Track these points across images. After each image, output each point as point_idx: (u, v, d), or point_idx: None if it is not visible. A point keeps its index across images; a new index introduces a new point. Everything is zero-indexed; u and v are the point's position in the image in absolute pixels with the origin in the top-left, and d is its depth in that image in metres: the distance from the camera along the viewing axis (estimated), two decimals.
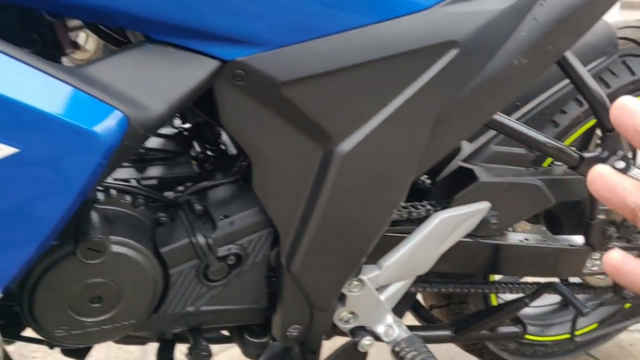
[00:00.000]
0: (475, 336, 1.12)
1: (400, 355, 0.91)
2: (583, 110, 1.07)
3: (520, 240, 1.07)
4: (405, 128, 0.78)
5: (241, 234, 0.82)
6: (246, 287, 0.87)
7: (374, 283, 0.91)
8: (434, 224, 0.90)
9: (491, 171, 1.01)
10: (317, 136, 0.75)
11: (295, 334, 0.91)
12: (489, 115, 0.85)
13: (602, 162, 0.93)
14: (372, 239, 0.85)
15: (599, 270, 1.15)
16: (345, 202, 0.80)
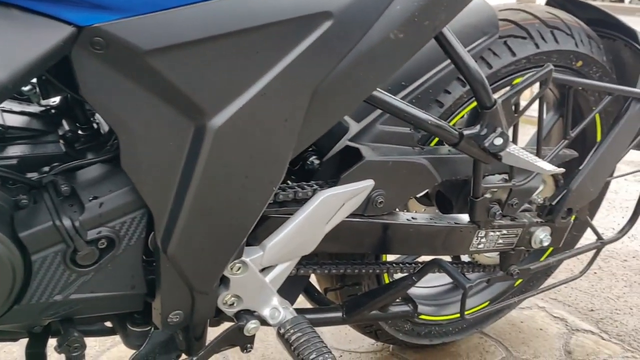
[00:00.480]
0: (366, 317, 1.12)
1: (285, 338, 0.89)
2: (466, 90, 1.09)
3: (408, 219, 1.07)
4: (280, 102, 0.76)
5: (112, 215, 0.77)
6: (121, 272, 0.82)
7: (257, 265, 0.89)
8: (317, 202, 0.89)
9: (377, 150, 1.01)
10: (188, 109, 0.72)
11: (177, 320, 0.87)
12: (368, 91, 0.84)
13: (481, 139, 0.95)
14: (253, 219, 0.83)
15: (485, 247, 1.18)
16: (221, 179, 0.77)
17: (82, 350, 0.85)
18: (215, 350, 0.92)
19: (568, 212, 1.22)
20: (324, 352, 0.85)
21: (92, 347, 1.41)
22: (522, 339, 1.54)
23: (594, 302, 1.72)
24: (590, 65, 1.25)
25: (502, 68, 1.11)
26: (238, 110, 0.74)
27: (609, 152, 1.23)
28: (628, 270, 1.91)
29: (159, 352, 0.93)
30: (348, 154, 1.00)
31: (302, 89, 0.76)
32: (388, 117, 1.02)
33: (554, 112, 1.40)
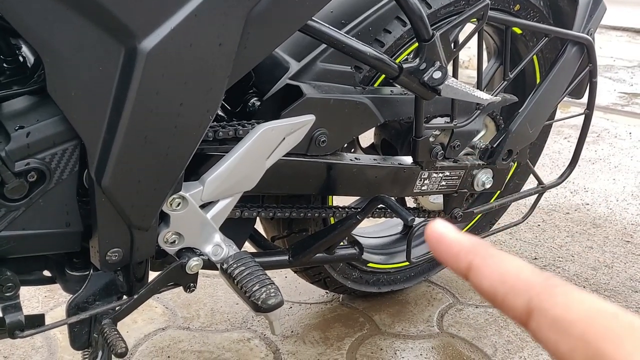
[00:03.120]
0: (313, 259, 1.12)
1: (228, 273, 0.88)
2: (407, 30, 1.09)
3: (352, 160, 1.08)
4: (213, 25, 0.74)
5: (41, 146, 0.75)
6: (54, 208, 0.80)
7: (197, 200, 0.87)
8: (256, 135, 0.88)
9: (318, 88, 1.00)
10: (117, 31, 0.70)
11: (116, 259, 0.85)
12: (304, 17, 0.83)
13: (420, 74, 0.95)
14: (190, 149, 0.81)
15: (429, 189, 1.19)
16: (154, 107, 0.75)
17: (16, 291, 0.82)
18: (156, 290, 0.91)
19: (509, 153, 1.25)
20: (266, 283, 0.85)
21: (34, 308, 1.38)
22: (469, 286, 1.57)
23: (537, 251, 1.77)
24: (527, 9, 1.27)
25: (441, 8, 1.12)
26: (170, 32, 0.72)
27: (546, 94, 1.25)
28: (570, 222, 1.97)
29: (99, 295, 0.91)
30: (289, 92, 0.99)
31: (235, 11, 0.75)
32: (329, 54, 1.02)
33: (495, 60, 1.42)
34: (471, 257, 0.25)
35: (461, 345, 1.35)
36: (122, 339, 0.84)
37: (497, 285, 0.24)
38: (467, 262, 0.25)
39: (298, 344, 1.32)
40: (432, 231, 0.27)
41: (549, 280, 0.23)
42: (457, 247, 0.26)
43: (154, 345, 1.29)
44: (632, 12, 6.33)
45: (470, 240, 0.26)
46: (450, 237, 0.26)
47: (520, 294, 0.24)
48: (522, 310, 0.24)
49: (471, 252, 0.26)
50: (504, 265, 0.24)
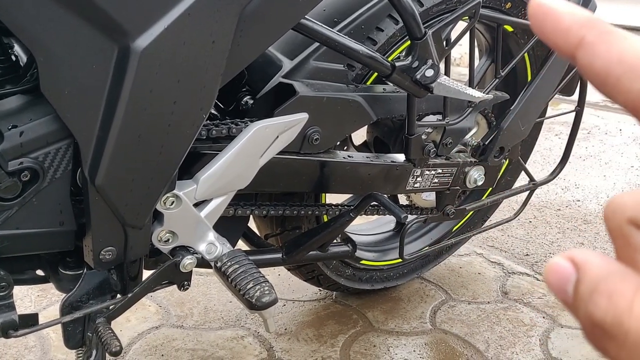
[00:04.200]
0: (306, 257, 1.13)
1: (222, 271, 0.88)
2: (399, 28, 1.10)
3: (344, 157, 1.08)
4: (207, 23, 0.74)
5: (34, 145, 0.75)
6: (48, 207, 0.80)
7: (190, 198, 0.87)
8: (250, 133, 0.88)
9: (311, 86, 1.01)
10: (110, 30, 0.70)
11: (110, 258, 0.85)
12: (297, 16, 0.84)
13: (413, 72, 0.96)
14: (184, 147, 0.82)
15: (421, 187, 1.20)
16: (148, 105, 0.75)
17: (9, 290, 0.82)
18: (150, 288, 0.91)
19: (500, 151, 1.26)
20: (261, 281, 0.85)
21: (27, 308, 1.37)
22: (461, 282, 1.58)
23: (529, 248, 1.78)
24: (519, 7, 1.27)
25: (433, 6, 1.12)
26: (163, 30, 0.72)
27: (537, 92, 1.26)
28: (561, 218, 1.98)
29: (92, 294, 0.91)
30: (282, 91, 0.99)
31: (228, 10, 0.75)
32: (322, 53, 1.02)
33: (487, 58, 1.42)
34: (585, 31, 0.22)
35: (454, 341, 1.35)
36: (117, 337, 0.84)
37: (612, 65, 0.21)
38: (579, 37, 0.22)
39: (292, 341, 1.32)
40: (538, 4, 0.23)
41: None
42: (569, 20, 0.22)
43: (147, 343, 1.29)
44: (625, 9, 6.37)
45: (585, 13, 0.23)
46: (561, 9, 0.23)
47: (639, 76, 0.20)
48: (638, 95, 0.21)
49: (586, 25, 0.22)
50: (625, 43, 0.21)
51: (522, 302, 1.51)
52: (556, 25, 0.22)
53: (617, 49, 0.21)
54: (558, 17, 0.22)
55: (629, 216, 0.21)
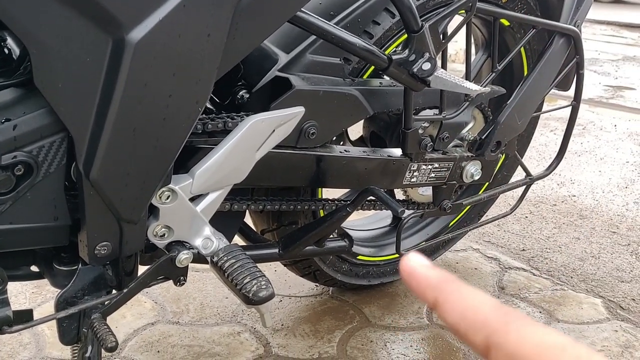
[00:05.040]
0: (303, 252, 1.12)
1: (218, 265, 0.88)
2: (395, 22, 1.09)
3: (341, 152, 1.07)
4: (202, 16, 0.73)
5: (28, 139, 0.74)
6: (42, 202, 0.79)
7: (186, 193, 0.86)
8: (246, 127, 0.87)
9: (307, 80, 1.00)
10: (104, 22, 0.69)
11: (105, 253, 0.84)
12: (293, 8, 0.83)
13: (410, 65, 0.96)
14: (179, 141, 0.81)
15: (418, 181, 1.20)
16: (143, 98, 0.74)
17: (4, 286, 0.81)
18: (146, 283, 0.90)
19: (497, 145, 1.25)
20: (257, 276, 0.85)
21: (22, 304, 1.36)
22: (458, 278, 1.58)
23: (525, 243, 1.78)
24: (515, 1, 1.27)
25: (430, 0, 1.12)
26: (158, 23, 0.71)
27: (534, 86, 1.26)
28: (557, 213, 1.98)
29: (87, 290, 0.90)
30: (278, 84, 0.99)
31: (224, 2, 0.74)
32: (318, 46, 1.01)
33: (483, 52, 1.42)
34: (437, 293, 0.27)
35: (450, 336, 1.35)
36: (112, 333, 0.83)
37: (458, 322, 0.26)
38: (433, 298, 0.27)
39: (288, 337, 1.32)
40: (405, 265, 0.28)
41: (506, 316, 0.25)
42: (425, 283, 0.27)
43: (143, 340, 1.29)
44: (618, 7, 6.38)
45: (438, 276, 0.27)
46: (420, 272, 0.28)
47: (478, 330, 0.25)
48: (481, 345, 0.25)
49: (437, 288, 0.27)
50: (465, 302, 0.26)
51: (518, 297, 1.51)
52: (417, 286, 0.27)
53: (460, 308, 0.26)
54: (417, 278, 0.27)
55: None
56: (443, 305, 0.26)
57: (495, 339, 0.24)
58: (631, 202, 2.09)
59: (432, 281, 0.27)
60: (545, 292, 1.54)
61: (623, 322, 1.43)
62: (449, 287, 0.27)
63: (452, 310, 0.26)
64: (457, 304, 0.26)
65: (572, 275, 1.62)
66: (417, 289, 0.28)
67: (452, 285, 0.27)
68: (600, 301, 1.51)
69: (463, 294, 0.26)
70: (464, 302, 0.26)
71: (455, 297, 0.26)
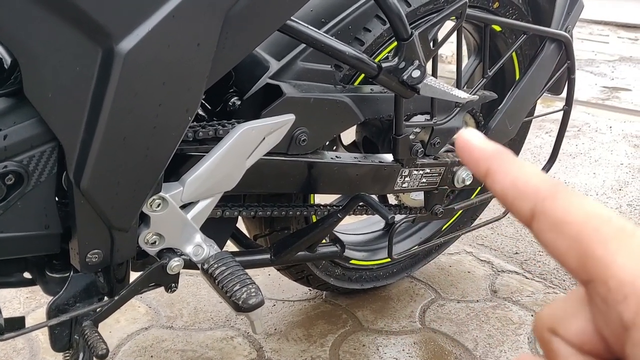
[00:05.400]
0: (295, 257, 1.13)
1: (209, 273, 0.88)
2: (386, 28, 1.10)
3: (332, 158, 1.08)
4: (191, 25, 0.74)
5: (18, 148, 0.74)
6: (33, 210, 0.79)
7: (177, 201, 0.87)
8: (236, 135, 0.88)
9: (298, 87, 1.01)
10: (93, 32, 0.69)
11: (97, 260, 0.85)
12: (283, 17, 0.83)
13: (399, 72, 0.96)
14: (170, 149, 0.81)
15: (409, 187, 1.20)
16: (133, 108, 0.75)
17: None
18: (137, 290, 0.90)
19: None
20: (247, 283, 0.85)
21: (16, 310, 1.37)
22: (451, 281, 1.59)
23: (518, 246, 1.79)
24: (506, 7, 1.28)
25: (420, 7, 1.12)
26: (147, 33, 0.72)
27: (525, 91, 1.27)
28: None
29: (79, 297, 0.90)
30: (269, 92, 0.99)
31: (213, 12, 0.75)
32: (309, 53, 1.02)
33: (475, 57, 1.43)
34: (489, 163, 0.27)
35: (443, 340, 1.36)
36: (103, 340, 0.83)
37: (508, 189, 0.26)
38: (485, 167, 0.27)
39: (281, 341, 1.33)
40: (460, 138, 0.28)
41: (556, 186, 0.25)
42: (479, 154, 0.27)
43: (137, 344, 1.29)
44: (614, 5, 6.40)
45: (492, 148, 0.28)
46: (475, 143, 0.28)
47: (527, 198, 0.25)
48: (527, 213, 0.25)
49: (491, 157, 0.27)
50: (517, 172, 0.26)
51: (511, 300, 1.52)
52: (470, 157, 0.28)
53: (511, 177, 0.26)
54: (471, 150, 0.28)
55: (548, 326, 0.25)
56: (495, 174, 0.27)
57: (542, 206, 0.25)
58: (624, 204, 2.10)
59: (486, 152, 0.27)
60: (537, 295, 1.54)
61: None
62: (503, 157, 0.27)
63: (503, 178, 0.26)
64: (509, 173, 0.26)
65: (565, 278, 1.63)
66: (470, 160, 0.28)
67: (507, 156, 0.27)
68: None
69: (516, 164, 0.27)
70: (516, 171, 0.26)
71: (509, 166, 0.27)
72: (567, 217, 0.24)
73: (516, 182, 0.26)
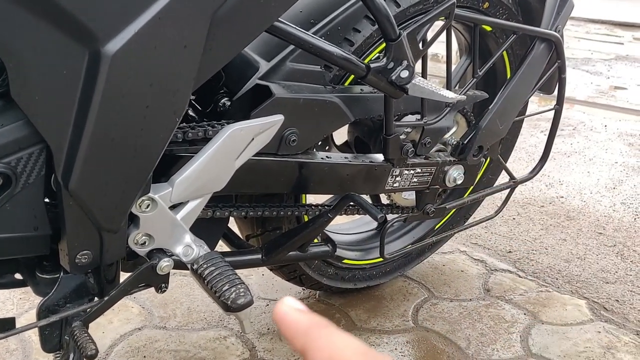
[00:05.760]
0: (286, 257, 1.13)
1: (198, 273, 0.88)
2: (376, 29, 1.10)
3: (323, 158, 1.08)
4: (178, 27, 0.74)
5: (6, 150, 0.74)
6: (22, 212, 0.79)
7: (166, 201, 0.87)
8: (225, 136, 0.88)
9: (288, 88, 1.01)
10: (80, 34, 0.70)
11: (86, 261, 0.85)
12: (270, 19, 0.84)
13: (388, 73, 0.97)
14: (158, 151, 0.82)
15: (400, 186, 1.21)
16: (120, 109, 0.75)
17: None
18: (127, 291, 0.91)
19: (479, 149, 1.26)
20: (236, 283, 0.86)
21: (9, 311, 1.37)
22: (444, 280, 1.59)
23: (511, 245, 1.79)
24: (496, 6, 1.28)
25: (410, 7, 1.13)
26: (133, 35, 0.72)
27: (516, 90, 1.27)
28: (545, 215, 1.99)
29: (69, 297, 0.91)
30: (258, 93, 1.00)
31: (200, 13, 0.75)
32: (298, 54, 1.02)
33: (467, 57, 1.43)
34: (304, 340, 0.27)
35: (435, 338, 1.36)
36: (93, 340, 0.84)
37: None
38: (301, 344, 0.27)
39: (274, 341, 1.33)
40: (277, 309, 0.28)
41: (368, 357, 0.25)
42: (294, 328, 0.27)
43: (129, 345, 1.30)
44: (611, 4, 6.40)
45: (308, 321, 0.27)
46: (290, 317, 0.28)
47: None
48: None
49: (306, 333, 0.27)
50: (332, 346, 0.26)
51: (503, 299, 1.52)
52: (286, 331, 0.27)
53: (327, 353, 0.26)
54: (288, 324, 0.27)
55: None
56: (311, 351, 0.26)
57: None
58: (618, 202, 2.10)
59: (301, 326, 0.27)
60: (530, 293, 1.55)
61: (606, 323, 1.44)
62: (317, 333, 0.26)
63: (319, 356, 0.26)
64: (324, 349, 0.26)
65: (558, 276, 1.63)
66: (287, 334, 0.27)
67: (321, 330, 0.27)
68: (584, 302, 1.52)
69: (331, 339, 0.26)
70: (331, 346, 0.26)
71: (323, 342, 0.26)
72: None
73: (333, 357, 0.25)
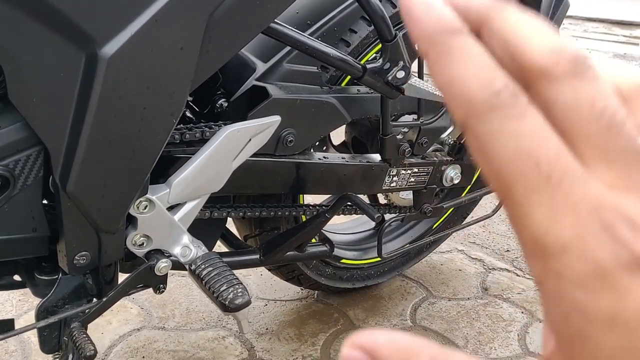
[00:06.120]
0: (284, 258, 1.13)
1: (196, 273, 0.89)
2: (372, 30, 1.11)
3: (320, 158, 1.09)
4: (174, 29, 0.75)
5: (4, 152, 0.75)
6: (20, 214, 0.80)
7: (164, 202, 0.88)
8: (222, 137, 0.89)
9: (285, 89, 1.01)
10: (76, 37, 0.70)
11: (84, 262, 0.86)
12: (266, 20, 0.84)
13: (384, 73, 0.97)
14: (155, 152, 0.82)
15: (398, 186, 1.21)
16: (117, 111, 0.76)
17: None
18: (125, 292, 0.91)
19: None
20: (234, 283, 0.86)
21: (8, 312, 1.37)
22: (442, 279, 1.60)
23: (509, 244, 1.80)
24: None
25: None
26: (130, 37, 0.73)
27: None
28: None
29: (68, 299, 0.91)
30: (255, 94, 1.00)
31: (196, 16, 0.76)
32: (295, 55, 1.03)
33: None
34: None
35: (433, 337, 1.37)
36: (91, 341, 0.84)
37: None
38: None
39: (273, 340, 1.33)
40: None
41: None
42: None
43: (128, 345, 1.30)
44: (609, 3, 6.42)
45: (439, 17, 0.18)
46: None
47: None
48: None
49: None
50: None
51: (501, 297, 1.53)
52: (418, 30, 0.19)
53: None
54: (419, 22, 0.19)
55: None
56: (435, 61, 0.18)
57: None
58: None
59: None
60: (527, 292, 1.55)
61: None
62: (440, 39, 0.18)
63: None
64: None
65: None
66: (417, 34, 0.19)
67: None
68: None
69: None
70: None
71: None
72: (495, 151, 0.17)
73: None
